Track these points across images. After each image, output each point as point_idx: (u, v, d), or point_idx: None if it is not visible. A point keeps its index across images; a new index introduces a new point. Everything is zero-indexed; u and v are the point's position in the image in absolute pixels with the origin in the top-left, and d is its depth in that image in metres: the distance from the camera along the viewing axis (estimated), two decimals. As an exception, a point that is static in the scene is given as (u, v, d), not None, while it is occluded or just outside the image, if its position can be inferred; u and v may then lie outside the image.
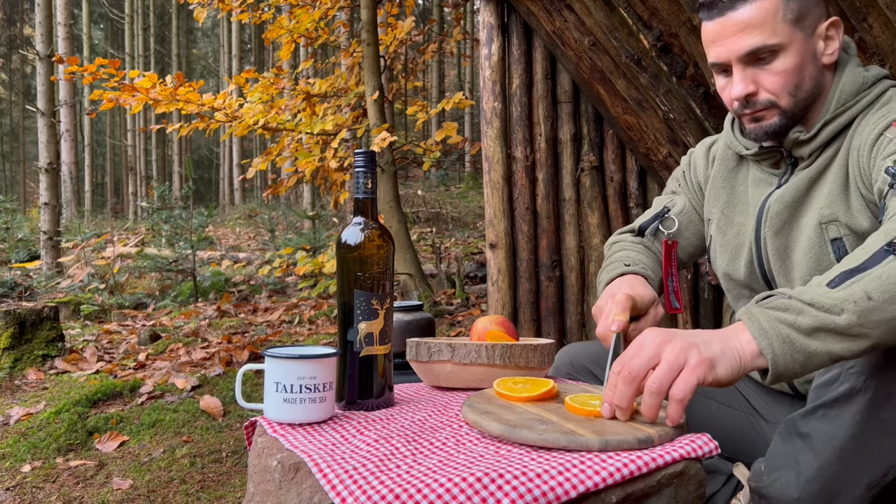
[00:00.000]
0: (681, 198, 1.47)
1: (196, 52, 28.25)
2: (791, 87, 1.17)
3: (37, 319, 3.24)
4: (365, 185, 1.16)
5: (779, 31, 1.14)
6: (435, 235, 9.95)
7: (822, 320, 0.85)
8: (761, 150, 1.27)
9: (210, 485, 2.01)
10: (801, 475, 0.98)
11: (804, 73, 1.17)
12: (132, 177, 21.52)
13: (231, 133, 5.28)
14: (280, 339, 3.96)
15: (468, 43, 10.34)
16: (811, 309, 0.86)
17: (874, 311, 0.84)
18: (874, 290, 0.85)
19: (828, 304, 0.86)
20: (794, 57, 1.16)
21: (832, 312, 0.85)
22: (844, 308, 0.85)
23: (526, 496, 0.78)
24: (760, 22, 1.14)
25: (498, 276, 2.73)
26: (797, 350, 0.86)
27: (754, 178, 1.32)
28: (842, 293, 0.86)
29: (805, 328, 0.86)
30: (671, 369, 0.87)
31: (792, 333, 0.86)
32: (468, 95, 14.52)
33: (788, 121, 1.20)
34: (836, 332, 0.85)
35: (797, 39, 1.16)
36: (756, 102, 1.19)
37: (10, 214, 9.28)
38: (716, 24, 1.19)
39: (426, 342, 1.25)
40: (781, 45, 1.15)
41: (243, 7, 5.96)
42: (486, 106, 2.73)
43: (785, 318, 0.87)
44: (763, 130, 1.21)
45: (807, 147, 1.21)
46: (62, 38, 9.58)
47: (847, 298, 0.85)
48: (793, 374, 0.88)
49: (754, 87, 1.18)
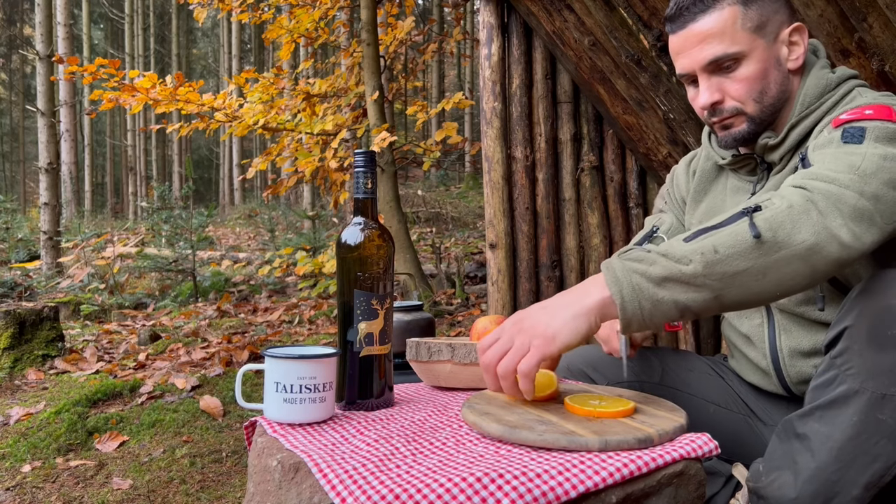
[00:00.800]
0: (668, 215, 1.51)
1: (196, 52, 28.24)
2: (756, 93, 1.20)
3: (37, 319, 3.24)
4: (365, 185, 1.16)
5: (738, 40, 1.17)
6: (435, 235, 9.95)
7: (671, 269, 0.90)
8: (736, 158, 1.30)
9: (210, 485, 2.01)
10: (798, 476, 0.98)
11: (768, 79, 1.19)
12: (132, 177, 21.52)
13: (231, 133, 5.28)
14: (280, 339, 3.96)
15: (468, 43, 10.35)
16: (663, 259, 0.91)
17: (719, 263, 0.89)
18: (721, 245, 0.90)
19: (678, 254, 0.91)
20: (757, 63, 1.18)
21: (681, 262, 0.90)
22: (693, 259, 0.90)
23: (526, 496, 0.78)
24: (720, 31, 1.17)
25: (498, 276, 2.73)
26: (645, 298, 0.90)
27: (732, 187, 1.35)
28: (693, 245, 0.92)
29: (655, 277, 0.90)
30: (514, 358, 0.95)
31: (642, 282, 0.91)
32: (468, 95, 14.53)
33: (757, 127, 1.22)
34: (682, 281, 0.90)
35: (758, 46, 1.18)
36: (723, 110, 1.22)
37: (10, 214, 9.28)
38: (678, 37, 1.23)
39: (426, 342, 1.25)
40: (742, 53, 1.18)
41: (243, 7, 5.96)
42: (486, 106, 2.73)
43: (638, 268, 0.92)
44: (732, 137, 1.24)
45: (776, 152, 1.23)
46: (62, 38, 9.58)
47: (696, 250, 0.91)
48: (640, 323, 0.92)
49: (720, 96, 1.21)
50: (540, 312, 0.97)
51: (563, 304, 0.96)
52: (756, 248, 0.89)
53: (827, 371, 0.98)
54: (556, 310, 0.96)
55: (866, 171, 0.96)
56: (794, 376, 1.26)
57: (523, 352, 0.94)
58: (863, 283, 0.97)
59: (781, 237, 0.89)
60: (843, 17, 1.74)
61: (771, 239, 0.89)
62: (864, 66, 1.79)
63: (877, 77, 1.80)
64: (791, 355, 1.25)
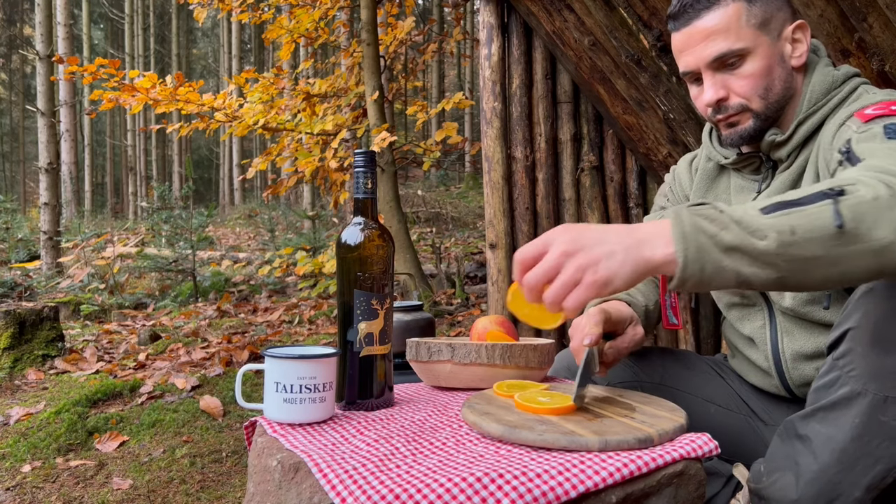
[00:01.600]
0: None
1: (196, 52, 28.24)
2: (761, 89, 1.19)
3: (37, 319, 3.24)
4: (365, 185, 1.16)
5: (743, 36, 1.17)
6: (435, 235, 9.95)
7: (743, 240, 0.85)
8: (740, 157, 1.29)
9: (210, 485, 2.01)
10: (800, 477, 0.98)
11: (773, 76, 1.19)
12: (132, 177, 21.52)
13: (231, 133, 5.28)
14: (280, 339, 3.96)
15: (468, 43, 10.34)
16: (736, 227, 0.86)
17: (794, 245, 0.84)
18: (800, 227, 0.85)
19: (754, 226, 0.86)
20: (762, 60, 1.18)
21: (755, 235, 0.85)
22: (768, 235, 0.85)
23: (526, 496, 0.78)
24: (724, 28, 1.17)
25: (498, 276, 2.73)
26: (709, 262, 0.86)
27: (736, 186, 1.34)
28: (770, 220, 0.86)
29: (725, 244, 0.86)
30: (565, 287, 0.88)
31: (710, 245, 0.86)
32: (468, 95, 14.53)
33: (762, 123, 1.22)
34: (751, 254, 0.85)
35: (763, 43, 1.18)
36: (728, 107, 1.22)
37: (10, 214, 9.27)
38: (682, 34, 1.22)
39: (426, 342, 1.25)
40: (747, 50, 1.18)
41: (243, 7, 5.96)
42: (486, 106, 2.73)
43: (709, 229, 0.87)
44: (738, 135, 1.23)
45: (784, 149, 1.23)
46: (62, 38, 9.58)
47: (773, 226, 0.85)
48: (696, 285, 0.88)
49: (725, 93, 1.21)
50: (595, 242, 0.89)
51: (623, 245, 0.88)
52: (836, 237, 0.84)
53: (829, 372, 0.98)
54: (615, 247, 0.88)
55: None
56: (796, 378, 1.26)
57: (573, 284, 0.88)
58: (867, 285, 0.97)
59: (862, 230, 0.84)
60: (843, 17, 1.74)
61: (853, 230, 0.84)
62: (864, 66, 1.79)
63: (877, 77, 1.80)
64: (793, 358, 1.25)
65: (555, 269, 0.89)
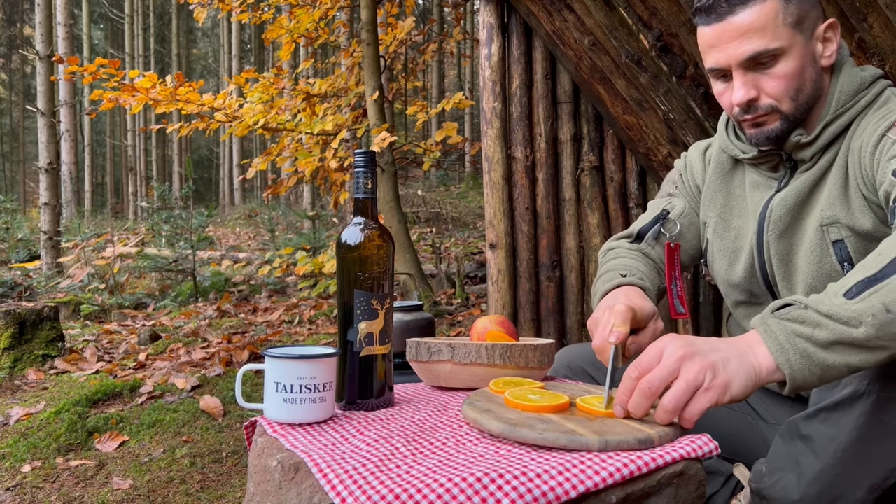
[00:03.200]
0: (679, 200, 1.45)
1: (196, 52, 28.24)
2: (793, 91, 1.16)
3: (37, 319, 3.24)
4: (365, 185, 1.16)
5: (780, 35, 1.13)
6: (435, 235, 9.95)
7: (840, 334, 0.84)
8: (760, 154, 1.26)
9: (210, 485, 2.01)
10: (802, 477, 0.98)
11: (805, 77, 1.16)
12: (132, 177, 21.52)
13: (231, 133, 5.28)
14: (280, 339, 3.96)
15: (468, 43, 10.34)
16: (829, 321, 0.85)
17: (893, 323, 0.83)
18: (893, 302, 0.83)
19: (845, 316, 0.84)
20: (796, 60, 1.15)
21: (850, 325, 0.84)
22: (863, 321, 0.83)
23: (526, 496, 0.78)
24: (761, 26, 1.13)
25: (498, 276, 2.73)
26: (815, 364, 0.85)
27: (752, 182, 1.31)
28: (859, 305, 0.84)
29: (823, 342, 0.85)
30: (688, 390, 0.87)
31: (809, 347, 0.85)
32: (468, 95, 14.53)
33: (790, 125, 1.19)
34: (854, 345, 0.84)
35: (798, 43, 1.14)
36: (758, 108, 1.18)
37: (10, 214, 9.28)
38: (714, 29, 1.17)
39: (426, 342, 1.25)
40: (783, 49, 1.14)
41: (243, 7, 5.96)
42: (486, 106, 2.73)
43: (802, 332, 0.86)
44: (765, 136, 1.20)
45: (808, 150, 1.20)
46: (62, 38, 9.58)
47: (865, 311, 0.84)
48: (811, 386, 0.88)
49: (756, 93, 1.17)
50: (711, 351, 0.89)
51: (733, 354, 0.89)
52: None
53: None
54: (729, 357, 0.89)
55: None
56: None
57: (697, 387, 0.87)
58: None
59: None
60: (843, 17, 1.74)
61: None
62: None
63: (877, 77, 1.80)
64: None
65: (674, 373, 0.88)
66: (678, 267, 1.39)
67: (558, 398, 1.02)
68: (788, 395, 0.88)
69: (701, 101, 2.33)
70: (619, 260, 1.38)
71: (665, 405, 0.89)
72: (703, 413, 0.87)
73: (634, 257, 1.39)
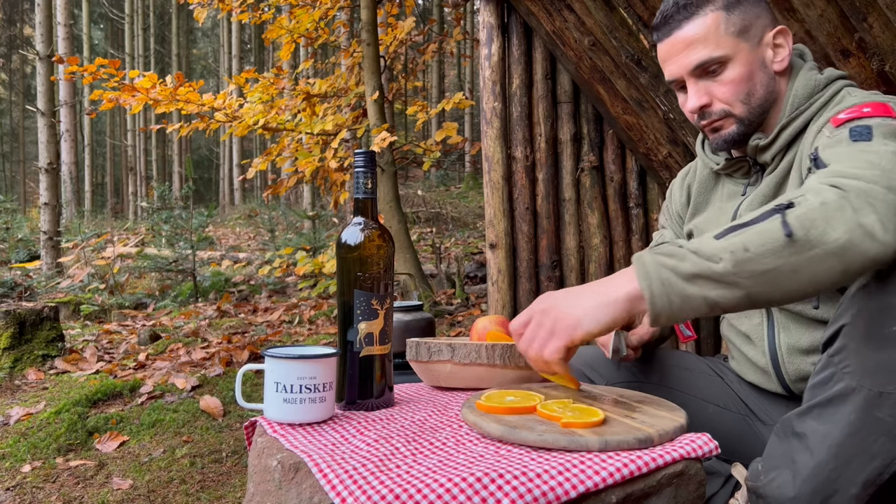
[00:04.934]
0: (668, 231, 1.55)
1: (196, 52, 28.24)
2: (742, 95, 1.23)
3: (37, 319, 3.24)
4: (365, 185, 1.16)
5: (722, 44, 1.21)
6: (435, 235, 9.95)
7: (701, 266, 0.91)
8: (729, 162, 1.33)
9: (210, 485, 2.01)
10: (797, 474, 0.98)
11: (754, 81, 1.23)
12: (132, 177, 21.52)
13: (231, 133, 5.28)
14: (280, 339, 3.96)
15: (468, 43, 10.35)
16: (693, 256, 0.92)
17: (749, 261, 0.89)
18: (752, 243, 0.90)
19: (709, 252, 0.91)
20: (742, 66, 1.22)
21: (711, 260, 0.90)
22: (723, 257, 0.90)
23: (526, 496, 0.78)
24: (704, 37, 1.21)
25: (498, 276, 2.73)
26: (675, 293, 0.91)
27: (728, 192, 1.37)
28: (723, 243, 0.91)
29: (685, 273, 0.91)
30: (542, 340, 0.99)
31: (672, 277, 0.92)
32: (468, 95, 14.52)
33: (746, 128, 1.25)
34: (712, 278, 0.90)
35: (742, 50, 1.22)
36: (711, 113, 1.26)
37: (10, 214, 9.28)
38: (665, 45, 1.27)
39: (426, 342, 1.25)
40: (727, 57, 1.21)
41: (243, 7, 5.96)
42: (486, 106, 2.73)
43: (668, 263, 0.93)
44: (723, 139, 1.27)
45: (768, 152, 1.26)
46: (62, 38, 9.58)
47: (726, 248, 0.90)
48: (670, 316, 0.93)
49: (707, 99, 1.24)
50: (565, 298, 1.00)
51: (591, 293, 0.98)
52: (788, 246, 0.88)
53: (824, 369, 0.98)
54: (582, 297, 0.98)
55: (886, 168, 0.96)
56: (792, 374, 1.26)
57: (548, 338, 0.98)
58: (860, 281, 0.97)
59: (815, 235, 0.88)
60: (843, 17, 1.74)
61: (804, 237, 0.88)
62: (864, 66, 1.79)
63: (877, 77, 1.80)
64: (789, 352, 1.25)
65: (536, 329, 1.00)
66: None
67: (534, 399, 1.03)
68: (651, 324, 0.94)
69: (701, 101, 2.32)
70: None
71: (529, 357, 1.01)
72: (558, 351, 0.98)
73: None
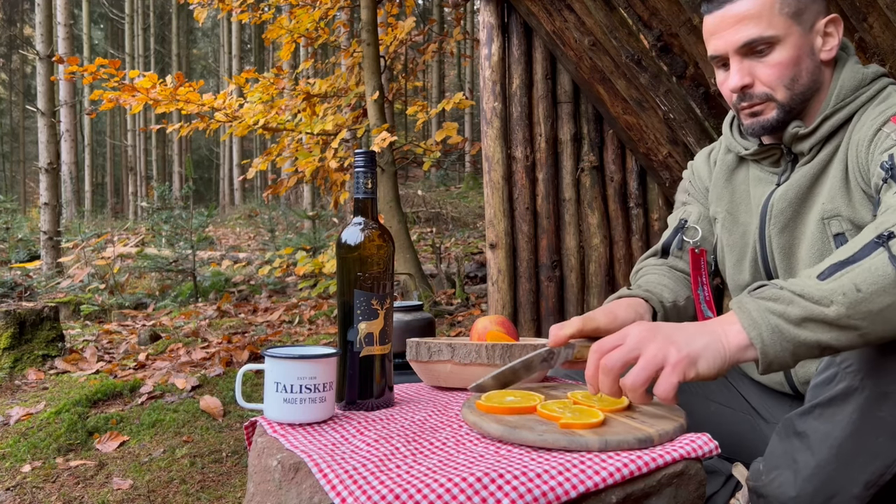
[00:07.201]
0: (694, 206, 1.47)
1: (196, 52, 28.24)
2: (787, 79, 1.18)
3: (37, 319, 3.24)
4: (365, 185, 1.16)
5: (775, 24, 1.16)
6: (435, 235, 9.95)
7: (811, 311, 0.86)
8: (760, 149, 1.28)
9: (210, 485, 2.01)
10: (798, 474, 0.98)
11: (801, 67, 1.18)
12: (132, 177, 21.51)
13: (231, 133, 5.28)
14: (280, 339, 3.96)
15: (468, 43, 10.34)
16: (801, 300, 0.87)
17: (863, 302, 0.85)
18: (863, 282, 0.86)
19: (817, 295, 0.87)
20: (791, 50, 1.17)
21: (821, 304, 0.86)
22: (833, 300, 0.86)
23: (526, 496, 0.78)
24: (757, 14, 1.16)
25: (498, 276, 2.73)
26: (786, 339, 0.87)
27: (755, 178, 1.32)
28: (831, 285, 0.87)
29: (795, 318, 0.87)
30: (647, 366, 0.89)
31: (781, 323, 0.87)
32: (468, 95, 14.52)
33: (786, 115, 1.20)
34: (825, 322, 0.86)
35: (794, 33, 1.17)
36: (752, 95, 1.21)
37: (10, 214, 9.28)
38: (714, 17, 1.21)
39: (426, 342, 1.25)
40: (777, 38, 1.17)
41: (243, 7, 5.96)
42: (486, 106, 2.73)
43: (775, 309, 0.88)
44: (760, 125, 1.22)
45: (806, 142, 1.21)
46: (62, 38, 9.58)
47: (836, 290, 0.86)
48: (783, 364, 0.89)
49: (750, 79, 1.20)
50: (675, 330, 0.91)
51: (701, 333, 0.90)
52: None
53: (827, 369, 0.98)
54: (695, 335, 0.90)
55: None
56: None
57: (657, 364, 0.88)
58: None
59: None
60: (843, 17, 1.74)
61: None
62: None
63: (877, 77, 1.80)
64: None
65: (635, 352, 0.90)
66: (705, 272, 1.39)
67: (534, 399, 1.02)
68: (763, 373, 0.90)
69: (701, 101, 2.33)
70: (644, 278, 1.40)
71: (624, 383, 0.90)
72: (674, 388, 0.88)
73: (659, 272, 1.40)
